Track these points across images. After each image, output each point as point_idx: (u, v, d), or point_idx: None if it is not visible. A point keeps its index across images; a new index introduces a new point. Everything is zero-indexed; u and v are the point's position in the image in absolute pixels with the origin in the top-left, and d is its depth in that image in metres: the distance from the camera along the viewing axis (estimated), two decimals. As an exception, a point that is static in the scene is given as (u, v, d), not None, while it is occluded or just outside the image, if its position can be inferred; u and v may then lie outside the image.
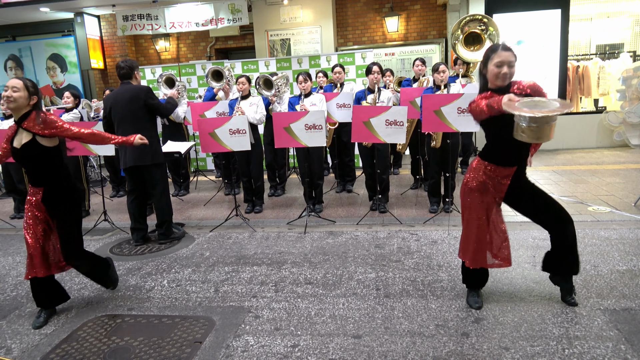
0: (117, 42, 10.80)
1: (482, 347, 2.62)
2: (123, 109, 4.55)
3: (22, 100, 3.05)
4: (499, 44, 2.78)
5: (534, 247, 4.07)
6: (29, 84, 3.10)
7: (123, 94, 4.56)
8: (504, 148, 2.84)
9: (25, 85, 3.07)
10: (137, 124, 4.53)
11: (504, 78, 2.72)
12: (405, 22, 10.14)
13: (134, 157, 4.55)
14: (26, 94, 3.06)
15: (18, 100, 3.04)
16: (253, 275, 3.83)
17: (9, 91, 3.02)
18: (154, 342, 2.88)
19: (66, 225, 3.23)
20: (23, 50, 10.69)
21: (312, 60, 8.22)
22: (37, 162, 3.14)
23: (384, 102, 5.25)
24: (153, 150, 4.61)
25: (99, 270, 3.52)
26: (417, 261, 3.91)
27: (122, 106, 4.55)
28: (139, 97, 4.54)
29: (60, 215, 3.21)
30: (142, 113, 4.57)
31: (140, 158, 4.56)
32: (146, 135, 4.51)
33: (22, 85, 3.05)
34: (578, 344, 2.59)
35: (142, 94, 4.56)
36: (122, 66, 4.64)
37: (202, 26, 9.74)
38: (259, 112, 5.56)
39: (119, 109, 4.56)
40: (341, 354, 2.64)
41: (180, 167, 7.07)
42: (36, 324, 3.18)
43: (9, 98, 3.02)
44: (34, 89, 3.12)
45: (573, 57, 9.20)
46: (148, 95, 4.59)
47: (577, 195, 5.62)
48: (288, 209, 5.85)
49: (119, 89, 4.65)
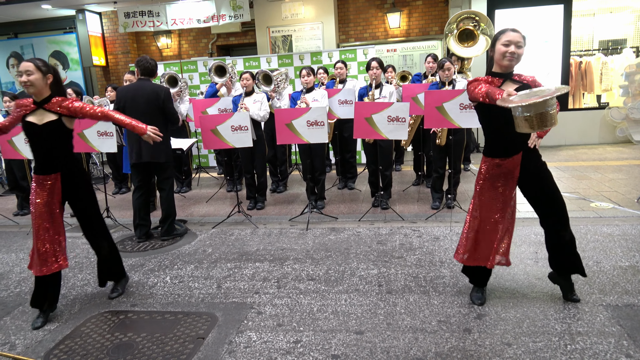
0: (119, 39, 10.79)
1: (484, 342, 2.62)
2: (141, 105, 4.55)
3: (39, 81, 3.03)
4: (508, 27, 2.77)
5: (536, 243, 4.06)
6: (40, 63, 3.06)
7: (143, 89, 4.60)
8: (504, 139, 2.82)
9: (36, 66, 3.03)
10: (153, 122, 4.50)
11: (510, 58, 2.71)
12: (407, 18, 10.11)
13: (150, 154, 4.60)
14: (40, 74, 3.03)
15: (35, 83, 3.01)
16: (255, 272, 3.84)
17: (23, 76, 3.00)
18: (157, 338, 2.89)
19: (90, 206, 3.31)
20: (25, 48, 10.69)
21: (313, 56, 8.20)
22: (59, 142, 3.15)
23: (387, 97, 5.24)
24: (166, 148, 4.68)
25: (115, 255, 3.53)
26: (419, 257, 3.92)
27: (140, 102, 4.56)
28: (159, 97, 4.59)
29: (83, 198, 3.27)
30: (158, 112, 4.61)
31: (156, 155, 4.62)
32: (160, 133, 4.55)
33: (33, 67, 3.02)
34: (580, 339, 2.59)
35: (163, 94, 4.63)
36: (150, 61, 4.68)
37: (204, 23, 9.72)
38: (263, 109, 5.56)
39: (136, 105, 4.55)
40: (343, 349, 2.65)
41: (183, 164, 7.08)
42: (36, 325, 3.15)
43: (26, 83, 3.00)
44: (46, 68, 3.08)
45: (576, 52, 9.16)
46: (167, 98, 4.65)
47: (580, 191, 5.61)
48: (290, 205, 5.86)
49: (137, 84, 4.67)
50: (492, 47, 2.81)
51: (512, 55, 2.70)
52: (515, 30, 2.74)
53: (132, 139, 4.65)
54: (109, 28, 10.76)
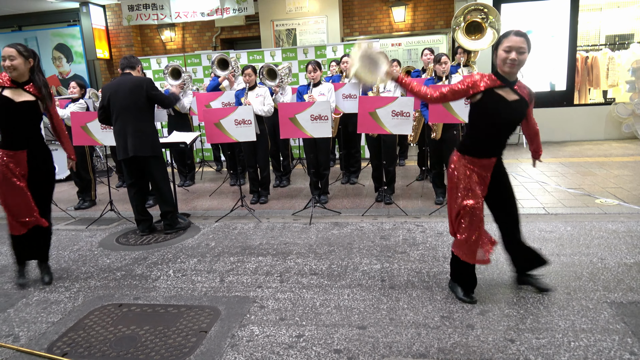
0: (123, 32, 10.77)
1: (487, 338, 2.61)
2: (124, 99, 4.50)
3: (22, 66, 3.31)
4: (512, 30, 2.74)
5: (540, 239, 4.05)
6: (21, 48, 3.33)
7: (124, 84, 4.52)
8: (485, 140, 2.85)
9: (18, 51, 3.29)
10: (138, 115, 4.53)
11: (511, 65, 2.67)
12: (412, 12, 10.05)
13: (135, 148, 4.52)
14: (22, 59, 3.31)
15: (18, 67, 3.30)
16: (258, 266, 3.84)
17: (7, 61, 3.27)
18: (159, 332, 2.89)
19: (49, 183, 3.69)
20: (29, 40, 10.69)
21: (318, 50, 8.17)
22: (32, 121, 3.47)
23: (391, 91, 5.21)
24: (152, 141, 4.61)
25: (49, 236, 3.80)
26: (422, 253, 3.90)
27: (123, 96, 4.50)
28: (141, 88, 4.51)
29: (45, 174, 3.61)
30: (143, 104, 4.54)
31: (141, 149, 4.54)
32: (145, 127, 4.59)
33: (16, 53, 3.29)
34: (584, 336, 2.58)
35: (144, 84, 4.54)
36: (128, 57, 4.66)
37: (208, 16, 9.70)
38: (266, 104, 5.54)
39: (120, 99, 4.51)
40: (346, 344, 2.64)
41: (186, 157, 7.08)
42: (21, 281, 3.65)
43: (10, 67, 3.28)
44: (27, 53, 3.34)
45: (582, 47, 9.08)
46: (150, 87, 4.56)
47: (585, 187, 5.58)
48: (293, 199, 5.85)
49: (119, 79, 4.61)
50: (495, 50, 2.78)
51: (512, 62, 2.66)
52: (519, 33, 2.69)
53: (119, 135, 4.58)
54: (112, 21, 10.74)
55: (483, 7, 6.15)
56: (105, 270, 3.96)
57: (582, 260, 3.56)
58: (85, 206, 6.07)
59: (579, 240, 3.98)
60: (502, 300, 3.02)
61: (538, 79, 8.98)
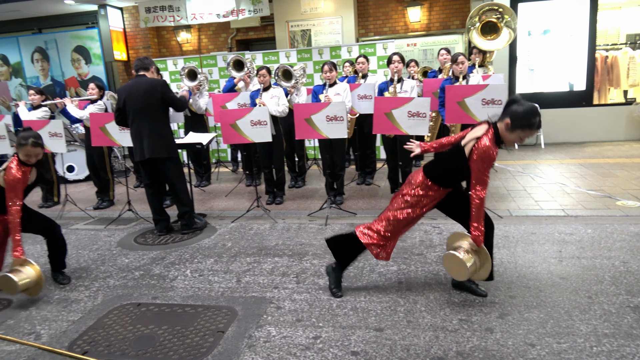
0: (140, 34, 10.89)
1: (507, 342, 2.58)
2: (139, 101, 4.55)
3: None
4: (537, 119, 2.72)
5: (560, 241, 3.98)
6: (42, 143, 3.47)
7: (139, 86, 4.57)
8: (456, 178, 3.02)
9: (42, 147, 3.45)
10: (153, 116, 4.58)
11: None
12: (427, 11, 9.98)
13: (151, 150, 4.57)
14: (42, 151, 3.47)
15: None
16: (274, 267, 3.85)
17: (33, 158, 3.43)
18: (177, 331, 2.91)
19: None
20: (49, 43, 10.87)
21: (332, 51, 8.16)
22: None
23: (408, 92, 5.18)
24: (168, 143, 4.66)
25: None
26: (439, 254, 3.87)
27: (138, 98, 4.55)
28: (156, 90, 4.56)
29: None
30: (157, 106, 4.59)
31: (157, 151, 4.59)
32: (161, 128, 4.62)
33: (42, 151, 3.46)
34: (607, 341, 2.53)
35: (159, 86, 4.59)
36: (142, 59, 4.70)
37: (223, 17, 9.75)
38: (281, 104, 5.55)
39: (134, 101, 4.56)
40: (363, 346, 2.63)
41: (202, 158, 7.13)
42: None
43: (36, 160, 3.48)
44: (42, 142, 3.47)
45: (602, 47, 8.92)
46: (165, 89, 4.62)
47: (605, 189, 5.48)
48: (309, 200, 5.85)
49: (133, 81, 4.65)
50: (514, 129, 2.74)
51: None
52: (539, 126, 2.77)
53: (135, 136, 4.64)
54: (130, 23, 10.86)
55: (498, 7, 6.09)
56: (124, 269, 4.01)
57: (604, 264, 3.50)
58: (104, 206, 6.16)
59: (600, 243, 3.90)
60: (521, 304, 2.98)
61: (556, 79, 8.85)
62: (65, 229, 5.22)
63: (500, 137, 2.80)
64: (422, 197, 3.02)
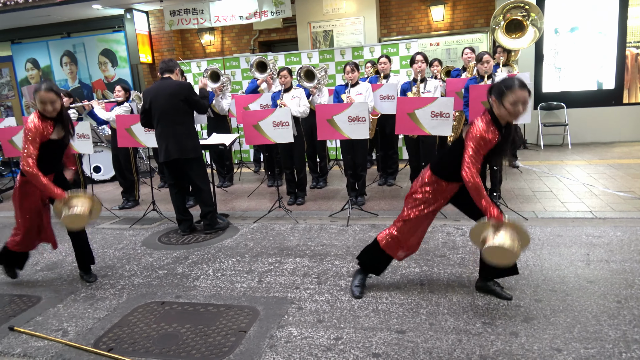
0: (165, 36, 11.08)
1: (532, 347, 2.53)
2: (164, 103, 4.62)
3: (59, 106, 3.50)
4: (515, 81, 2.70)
5: (587, 244, 3.88)
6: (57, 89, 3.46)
7: (164, 88, 4.65)
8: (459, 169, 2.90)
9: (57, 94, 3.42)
10: (177, 118, 4.65)
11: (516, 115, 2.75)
12: (451, 10, 9.86)
13: (178, 151, 4.65)
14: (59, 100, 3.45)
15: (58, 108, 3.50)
16: (296, 267, 3.86)
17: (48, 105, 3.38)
18: (200, 330, 2.95)
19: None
20: (77, 46, 11.15)
21: (355, 51, 8.14)
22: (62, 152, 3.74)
23: (431, 92, 5.13)
24: (192, 144, 4.73)
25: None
26: (462, 257, 3.82)
27: (163, 101, 4.62)
28: (181, 93, 4.63)
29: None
30: (182, 108, 4.66)
31: (184, 151, 4.66)
32: (186, 129, 4.69)
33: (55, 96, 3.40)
34: (637, 347, 2.45)
35: (185, 89, 4.66)
36: (165, 61, 4.78)
37: (246, 19, 9.84)
38: (302, 105, 5.57)
39: (160, 103, 4.64)
40: (384, 348, 2.61)
41: (225, 158, 7.20)
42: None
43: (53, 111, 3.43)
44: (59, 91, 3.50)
45: (632, 44, 8.66)
46: (190, 91, 4.69)
47: (636, 190, 5.32)
48: (330, 201, 5.85)
49: (159, 83, 4.73)
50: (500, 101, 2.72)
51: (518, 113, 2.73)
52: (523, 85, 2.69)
53: (160, 138, 4.72)
54: (155, 26, 11.06)
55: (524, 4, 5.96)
56: (148, 268, 4.08)
57: (634, 268, 3.39)
58: (129, 206, 6.28)
59: (629, 246, 3.79)
60: (547, 308, 2.92)
61: (584, 77, 8.64)
62: (92, 228, 5.35)
63: (497, 118, 2.77)
64: (430, 193, 3.02)
